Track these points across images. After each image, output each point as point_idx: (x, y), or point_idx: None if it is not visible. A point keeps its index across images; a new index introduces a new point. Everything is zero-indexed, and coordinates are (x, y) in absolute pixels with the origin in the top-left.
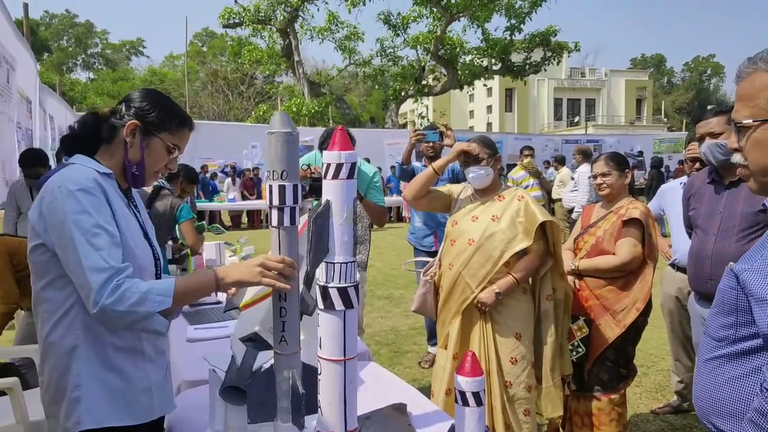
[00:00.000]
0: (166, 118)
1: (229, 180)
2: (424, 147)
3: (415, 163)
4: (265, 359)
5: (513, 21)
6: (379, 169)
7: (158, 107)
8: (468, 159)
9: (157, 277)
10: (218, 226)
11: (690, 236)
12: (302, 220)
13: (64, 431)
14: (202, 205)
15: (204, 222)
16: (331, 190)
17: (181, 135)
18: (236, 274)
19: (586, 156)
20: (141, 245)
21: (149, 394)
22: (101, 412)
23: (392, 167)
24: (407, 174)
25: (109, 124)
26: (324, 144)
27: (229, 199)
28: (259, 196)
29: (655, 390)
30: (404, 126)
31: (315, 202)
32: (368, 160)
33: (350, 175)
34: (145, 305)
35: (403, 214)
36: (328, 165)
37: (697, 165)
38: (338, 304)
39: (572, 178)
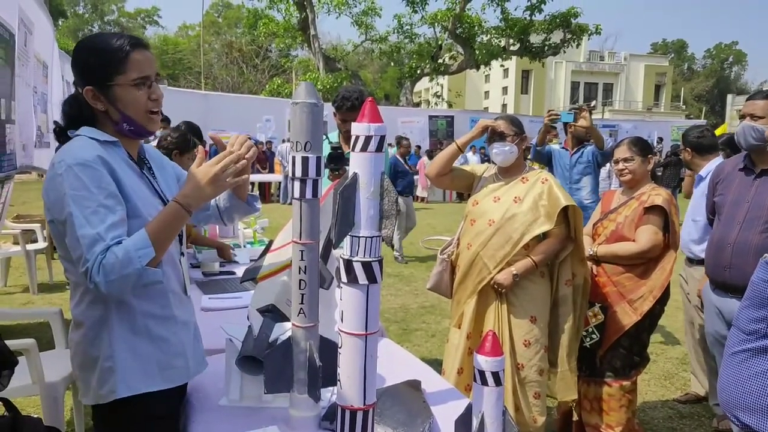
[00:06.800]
0: (104, 63)
1: None
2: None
3: (552, 146)
4: (281, 331)
5: (534, 0)
6: (390, 145)
7: (91, 61)
8: (493, 135)
9: (180, 241)
10: None
11: (711, 223)
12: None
13: (97, 397)
14: None
15: None
16: (358, 162)
17: (133, 63)
18: (199, 198)
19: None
20: (155, 213)
21: (184, 356)
22: (136, 381)
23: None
24: (543, 156)
25: (81, 103)
26: (341, 107)
27: None
28: (272, 170)
29: (664, 377)
30: (418, 104)
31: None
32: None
33: (379, 149)
34: (131, 265)
35: (415, 194)
36: (357, 137)
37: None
38: (362, 278)
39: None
